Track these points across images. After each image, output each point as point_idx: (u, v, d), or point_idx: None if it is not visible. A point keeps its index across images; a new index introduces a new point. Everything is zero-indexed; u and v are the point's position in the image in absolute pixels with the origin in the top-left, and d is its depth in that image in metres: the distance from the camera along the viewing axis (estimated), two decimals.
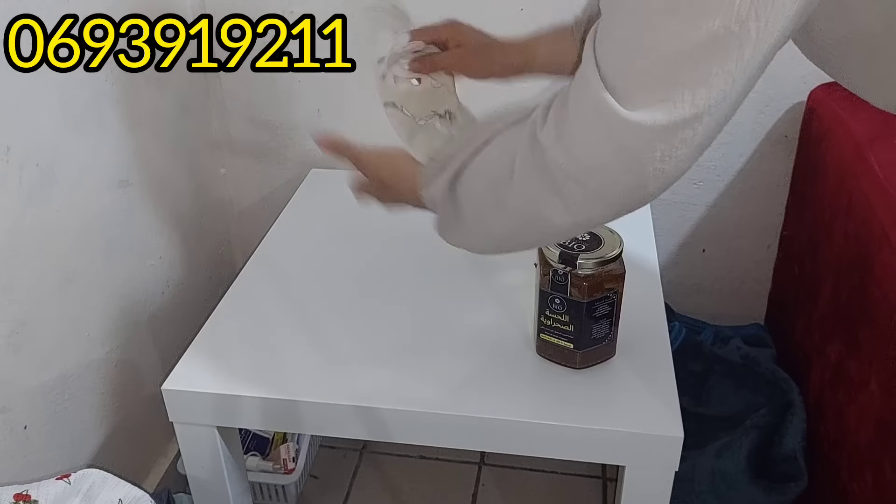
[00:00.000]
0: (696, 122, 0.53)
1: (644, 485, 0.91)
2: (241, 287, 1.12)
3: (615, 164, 0.57)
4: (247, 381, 0.95)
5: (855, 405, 1.05)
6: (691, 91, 0.52)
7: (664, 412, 0.89)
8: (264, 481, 1.34)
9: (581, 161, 0.58)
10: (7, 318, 0.97)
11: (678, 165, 0.56)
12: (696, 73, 0.52)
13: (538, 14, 1.27)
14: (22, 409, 1.01)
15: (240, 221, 1.57)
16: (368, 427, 0.93)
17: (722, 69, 0.51)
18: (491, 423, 0.90)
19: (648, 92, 0.53)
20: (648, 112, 0.53)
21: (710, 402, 1.29)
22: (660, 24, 0.51)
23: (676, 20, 0.50)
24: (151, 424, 1.29)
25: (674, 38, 0.51)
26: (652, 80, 0.53)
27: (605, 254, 0.88)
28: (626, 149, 0.55)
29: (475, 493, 1.44)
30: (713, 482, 1.19)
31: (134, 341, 1.24)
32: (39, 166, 1.00)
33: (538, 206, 0.63)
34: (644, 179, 0.57)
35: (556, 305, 0.91)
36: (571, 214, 0.62)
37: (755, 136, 1.35)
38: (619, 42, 0.54)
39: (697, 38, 0.50)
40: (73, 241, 1.08)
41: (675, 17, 0.50)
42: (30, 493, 0.86)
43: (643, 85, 0.53)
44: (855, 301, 1.07)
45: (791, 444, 1.18)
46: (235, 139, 1.48)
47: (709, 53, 0.51)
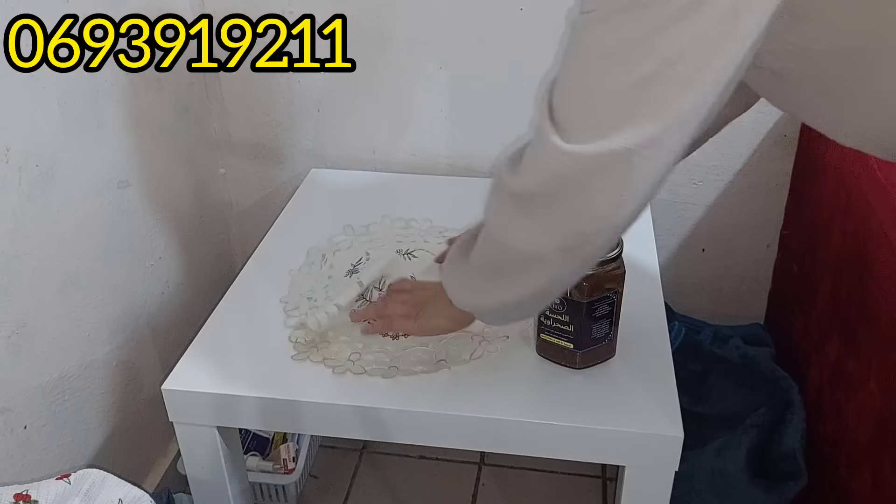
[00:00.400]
0: (631, 156, 0.58)
1: (644, 484, 0.91)
2: (241, 287, 1.12)
3: (560, 189, 0.63)
4: (247, 381, 0.95)
5: (854, 404, 1.05)
6: (622, 128, 0.57)
7: (664, 412, 0.89)
8: (264, 481, 1.34)
9: (534, 186, 0.65)
10: (7, 318, 0.97)
11: (631, 195, 0.61)
12: (627, 112, 0.57)
13: (538, 14, 1.28)
14: (22, 409, 1.01)
15: (239, 221, 1.57)
16: (368, 427, 0.93)
17: (651, 110, 0.56)
18: (491, 423, 0.90)
19: (587, 127, 0.59)
20: (585, 145, 0.59)
21: (710, 402, 1.29)
22: (597, 69, 0.57)
23: (611, 65, 0.56)
24: (151, 424, 1.29)
25: (608, 81, 0.57)
26: (589, 117, 0.59)
27: (604, 254, 0.88)
28: (565, 175, 0.62)
29: (475, 493, 1.45)
30: (713, 481, 1.19)
31: (134, 341, 1.24)
32: (39, 167, 1.00)
33: (511, 231, 0.70)
34: (596, 206, 0.62)
35: (556, 305, 0.91)
36: (549, 234, 0.67)
37: (755, 136, 1.35)
38: (564, 86, 0.61)
39: (629, 81, 0.56)
40: (73, 242, 1.08)
41: (609, 62, 0.56)
42: (30, 493, 0.86)
43: (582, 121, 0.60)
44: (854, 300, 1.07)
45: (790, 442, 1.18)
46: (235, 139, 1.48)
47: (639, 95, 0.56)
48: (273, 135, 1.47)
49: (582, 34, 0.58)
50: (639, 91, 0.56)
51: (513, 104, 1.36)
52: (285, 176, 1.50)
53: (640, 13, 0.54)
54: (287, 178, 1.50)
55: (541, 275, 0.72)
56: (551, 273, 0.71)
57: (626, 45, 0.55)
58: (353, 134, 1.45)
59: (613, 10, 0.55)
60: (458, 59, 1.34)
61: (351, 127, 1.44)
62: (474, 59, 1.33)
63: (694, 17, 0.53)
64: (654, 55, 0.54)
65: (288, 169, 1.50)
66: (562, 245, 0.67)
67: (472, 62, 1.34)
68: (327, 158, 1.48)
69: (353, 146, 1.45)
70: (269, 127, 1.46)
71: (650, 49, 0.54)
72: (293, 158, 1.48)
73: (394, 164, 1.45)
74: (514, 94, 1.35)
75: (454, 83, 1.36)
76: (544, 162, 0.63)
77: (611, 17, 0.55)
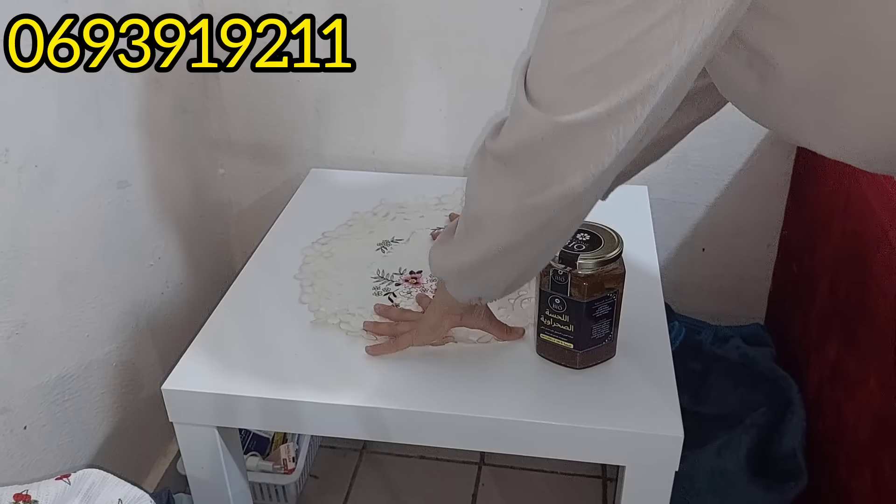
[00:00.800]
0: (598, 125, 0.61)
1: (644, 484, 0.91)
2: (241, 287, 1.12)
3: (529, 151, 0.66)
4: (247, 381, 0.95)
5: (854, 403, 1.05)
6: (589, 100, 0.60)
7: (664, 412, 0.89)
8: (264, 481, 1.34)
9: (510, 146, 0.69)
10: (7, 318, 0.97)
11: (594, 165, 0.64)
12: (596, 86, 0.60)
13: (538, 14, 1.28)
14: (22, 409, 1.01)
15: (239, 222, 1.57)
16: (368, 427, 0.93)
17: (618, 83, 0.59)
18: (491, 423, 0.90)
19: (558, 100, 0.63)
20: (558, 116, 0.62)
21: (710, 401, 1.29)
22: (566, 45, 0.60)
23: (577, 44, 0.59)
24: (151, 424, 1.29)
25: (574, 60, 0.60)
26: (559, 90, 0.63)
27: (604, 253, 0.88)
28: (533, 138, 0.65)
29: (475, 493, 1.45)
30: (713, 481, 1.19)
31: (133, 342, 1.24)
32: (39, 167, 1.00)
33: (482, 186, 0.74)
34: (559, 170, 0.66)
35: (556, 305, 0.91)
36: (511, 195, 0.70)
37: (754, 136, 1.35)
38: (536, 63, 0.65)
39: (597, 58, 0.58)
40: (73, 242, 1.08)
41: (576, 40, 0.59)
42: (30, 493, 0.86)
43: (553, 94, 0.63)
44: (853, 299, 1.07)
45: (790, 442, 1.18)
46: (235, 139, 1.48)
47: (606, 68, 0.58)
48: (273, 135, 1.47)
49: (551, 16, 0.61)
50: (606, 65, 0.58)
51: None
52: (285, 176, 1.50)
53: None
54: (287, 178, 1.50)
55: (498, 235, 0.75)
56: (513, 230, 0.73)
57: (593, 25, 0.58)
58: (352, 134, 1.45)
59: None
60: (458, 59, 1.34)
61: (351, 127, 1.44)
62: (474, 59, 1.33)
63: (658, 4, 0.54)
64: (621, 34, 0.56)
65: (288, 169, 1.50)
66: (519, 205, 0.70)
67: (472, 62, 1.34)
68: (327, 158, 1.48)
69: (352, 146, 1.45)
70: (268, 127, 1.46)
71: (617, 28, 0.56)
72: (293, 158, 1.48)
73: (393, 163, 1.45)
74: (514, 94, 1.35)
75: (454, 83, 1.36)
76: (518, 126, 0.67)
77: (578, 4, 0.58)
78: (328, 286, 1.11)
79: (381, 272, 1.13)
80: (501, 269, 0.80)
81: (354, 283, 1.11)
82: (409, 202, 1.31)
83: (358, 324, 1.03)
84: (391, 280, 1.11)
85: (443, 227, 1.20)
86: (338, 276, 1.13)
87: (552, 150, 0.65)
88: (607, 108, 0.60)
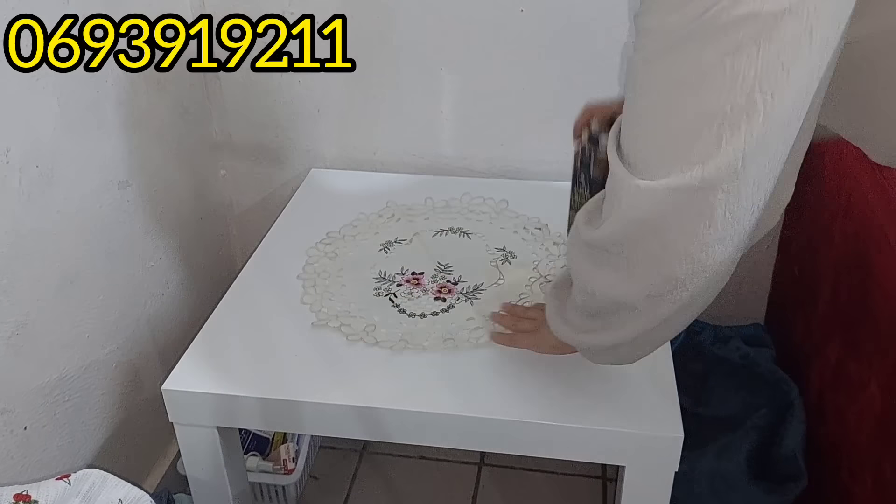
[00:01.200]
0: (709, 188, 0.55)
1: (644, 485, 0.91)
2: (241, 287, 1.12)
3: (639, 232, 0.61)
4: (247, 381, 0.95)
5: (855, 405, 1.05)
6: (696, 160, 0.55)
7: (664, 412, 0.89)
8: (264, 482, 1.34)
9: (616, 234, 0.63)
10: (7, 319, 0.97)
11: (715, 231, 0.58)
12: (700, 143, 0.55)
13: (539, 15, 1.28)
14: (22, 409, 1.01)
15: (240, 222, 1.57)
16: (368, 427, 0.93)
17: (730, 141, 0.54)
18: (491, 423, 0.90)
19: (659, 162, 0.57)
20: (659, 180, 0.57)
21: (710, 403, 1.29)
22: (664, 101, 0.56)
23: (678, 95, 0.54)
24: (151, 425, 1.29)
25: (677, 113, 0.55)
26: (660, 151, 0.57)
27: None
28: (642, 216, 0.59)
29: (475, 493, 1.45)
30: (713, 483, 1.19)
31: (134, 342, 1.24)
32: (39, 167, 1.00)
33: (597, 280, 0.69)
34: (678, 245, 0.60)
35: (582, 183, 0.92)
36: (635, 283, 0.65)
37: None
38: (631, 122, 0.59)
39: (699, 110, 0.54)
40: (73, 243, 1.08)
41: (677, 92, 0.54)
42: (30, 493, 0.86)
43: (653, 156, 0.58)
44: (854, 302, 1.07)
45: (791, 444, 1.18)
46: (235, 140, 1.48)
47: (711, 125, 0.54)
48: (273, 135, 1.47)
49: (643, 68, 0.57)
50: (710, 120, 0.54)
51: (513, 105, 1.36)
52: (285, 176, 1.50)
53: (707, 41, 0.52)
54: (287, 179, 1.50)
55: (634, 322, 0.70)
56: (644, 321, 0.69)
57: (694, 74, 0.54)
58: (353, 134, 1.45)
59: (678, 40, 0.54)
60: (459, 60, 1.34)
61: (351, 127, 1.44)
62: (474, 60, 1.33)
63: (766, 42, 0.51)
64: (724, 82, 0.53)
65: (288, 169, 1.49)
66: (649, 292, 0.65)
67: (473, 63, 1.34)
68: (327, 159, 1.48)
69: (353, 146, 1.45)
70: (269, 127, 1.46)
71: (720, 76, 0.53)
72: (293, 159, 1.48)
73: (394, 164, 1.45)
74: (514, 95, 1.35)
75: (454, 83, 1.36)
76: (621, 206, 0.61)
77: (675, 47, 0.54)
78: (331, 287, 1.11)
79: (382, 273, 1.13)
80: (637, 349, 0.76)
81: (356, 283, 1.11)
82: (416, 204, 1.30)
83: (358, 326, 1.03)
84: (392, 281, 1.11)
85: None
86: (340, 277, 1.13)
87: (671, 218, 0.58)
88: (739, 156, 0.54)
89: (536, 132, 1.37)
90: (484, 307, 1.05)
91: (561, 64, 1.31)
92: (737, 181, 0.55)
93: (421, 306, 1.06)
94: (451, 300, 1.07)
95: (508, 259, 1.16)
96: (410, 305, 1.06)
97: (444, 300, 1.07)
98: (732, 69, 0.52)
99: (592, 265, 0.69)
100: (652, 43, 0.56)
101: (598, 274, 0.69)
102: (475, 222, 1.26)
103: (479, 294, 1.08)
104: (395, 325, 1.03)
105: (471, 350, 0.99)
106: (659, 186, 0.57)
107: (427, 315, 1.05)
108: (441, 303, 1.07)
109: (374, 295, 1.09)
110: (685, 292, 0.64)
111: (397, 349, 0.99)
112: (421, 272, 1.13)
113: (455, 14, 1.30)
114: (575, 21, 1.27)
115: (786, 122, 0.54)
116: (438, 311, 1.05)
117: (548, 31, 1.29)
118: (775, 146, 0.55)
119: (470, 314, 1.04)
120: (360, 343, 1.00)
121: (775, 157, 0.56)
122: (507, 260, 1.16)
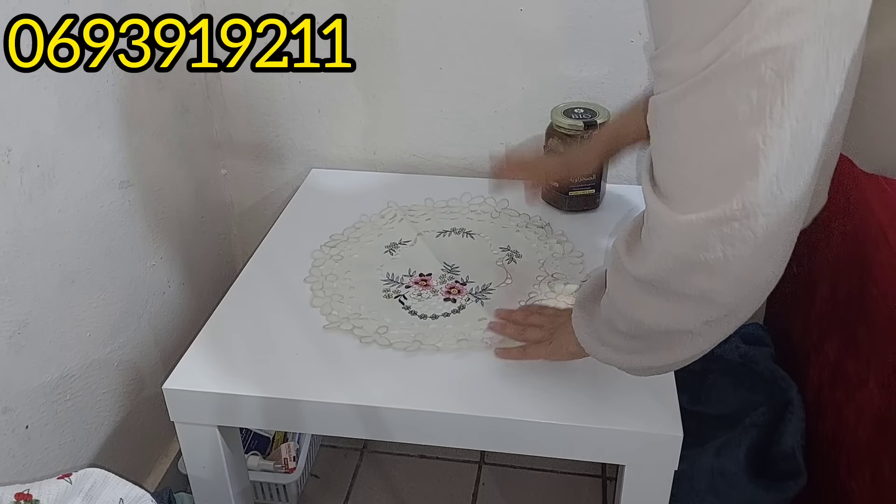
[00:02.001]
0: (752, 216, 0.56)
1: (644, 484, 0.91)
2: (241, 287, 1.13)
3: (684, 265, 0.61)
4: (247, 380, 0.96)
5: (853, 403, 1.05)
6: (738, 192, 0.55)
7: (664, 411, 0.89)
8: (265, 480, 1.34)
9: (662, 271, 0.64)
10: (9, 318, 0.97)
11: (763, 253, 0.59)
12: (738, 177, 0.55)
13: (538, 15, 1.28)
14: (23, 409, 1.01)
15: (240, 222, 1.57)
16: (369, 426, 0.93)
17: (766, 169, 0.54)
18: (491, 423, 0.90)
19: (696, 195, 0.58)
20: (699, 213, 0.57)
21: (710, 401, 1.29)
22: (699, 142, 0.56)
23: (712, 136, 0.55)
24: (152, 424, 1.29)
25: (711, 152, 0.56)
26: (695, 185, 0.58)
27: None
28: (688, 252, 0.60)
29: (475, 492, 1.45)
30: (712, 481, 1.19)
31: (135, 341, 1.24)
32: (40, 167, 1.00)
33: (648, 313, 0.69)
34: (730, 274, 0.60)
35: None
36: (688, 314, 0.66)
37: None
38: (662, 157, 0.60)
39: (733, 146, 0.54)
40: (75, 242, 1.08)
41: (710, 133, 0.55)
42: (31, 492, 0.86)
43: (689, 191, 0.58)
44: (853, 300, 1.07)
45: (790, 442, 1.18)
46: (236, 139, 1.48)
47: (748, 158, 0.54)
48: (274, 135, 1.47)
49: (665, 108, 0.58)
50: (744, 152, 0.54)
51: (513, 105, 1.36)
52: (286, 176, 1.50)
53: (728, 79, 0.53)
54: (288, 179, 1.50)
55: (692, 344, 0.70)
56: (702, 343, 0.70)
57: (720, 111, 0.54)
58: (353, 134, 1.45)
59: (699, 82, 0.54)
60: (458, 60, 1.34)
61: (351, 127, 1.44)
62: (474, 60, 1.33)
63: (788, 72, 0.51)
64: (752, 115, 0.53)
65: (288, 169, 1.50)
66: (707, 319, 0.66)
67: (472, 62, 1.34)
68: (327, 158, 1.48)
69: (353, 146, 1.45)
70: (269, 127, 1.46)
71: (747, 109, 0.53)
72: (294, 158, 1.49)
73: (394, 164, 1.45)
74: (514, 95, 1.36)
75: (454, 83, 1.36)
76: (664, 242, 0.62)
77: (696, 88, 0.54)
78: (340, 289, 1.10)
79: (390, 275, 1.13)
80: (687, 362, 0.76)
81: (365, 285, 1.11)
82: (417, 204, 1.30)
83: (370, 328, 1.02)
84: (401, 283, 1.11)
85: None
86: (348, 279, 1.12)
87: (718, 249, 0.58)
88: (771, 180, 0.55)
89: (536, 132, 1.37)
90: (495, 307, 1.05)
91: (561, 64, 1.31)
92: (776, 205, 0.56)
93: (431, 307, 1.06)
94: (462, 301, 1.07)
95: (514, 258, 1.16)
96: (421, 307, 1.06)
97: (455, 301, 1.07)
98: (759, 102, 0.52)
99: (641, 294, 0.68)
100: (672, 85, 0.56)
101: (646, 303, 0.69)
102: (477, 222, 1.26)
103: (489, 294, 1.08)
104: (407, 327, 1.03)
105: (485, 350, 0.99)
106: (700, 220, 0.57)
107: (438, 316, 1.04)
108: (451, 304, 1.07)
109: (383, 297, 1.09)
110: (742, 313, 0.65)
111: (411, 350, 0.99)
112: (429, 273, 1.13)
113: (455, 14, 1.30)
114: (575, 21, 1.27)
115: (815, 143, 0.55)
116: (449, 311, 1.05)
117: (547, 29, 1.29)
118: (809, 165, 0.56)
119: (481, 314, 1.04)
120: (373, 345, 1.00)
121: (809, 174, 0.57)
122: (513, 259, 1.16)
